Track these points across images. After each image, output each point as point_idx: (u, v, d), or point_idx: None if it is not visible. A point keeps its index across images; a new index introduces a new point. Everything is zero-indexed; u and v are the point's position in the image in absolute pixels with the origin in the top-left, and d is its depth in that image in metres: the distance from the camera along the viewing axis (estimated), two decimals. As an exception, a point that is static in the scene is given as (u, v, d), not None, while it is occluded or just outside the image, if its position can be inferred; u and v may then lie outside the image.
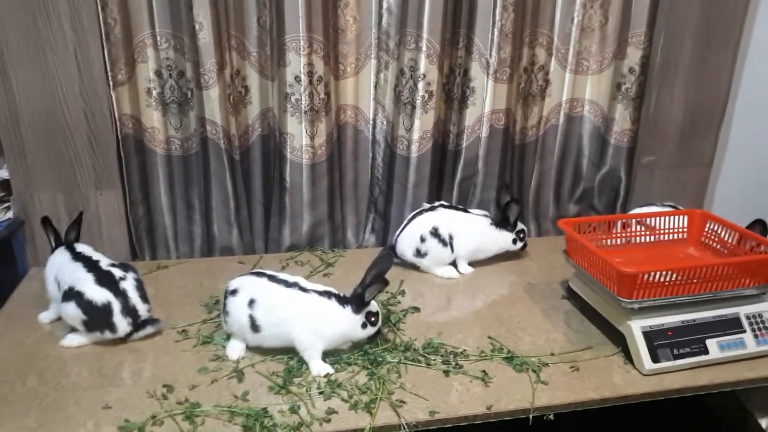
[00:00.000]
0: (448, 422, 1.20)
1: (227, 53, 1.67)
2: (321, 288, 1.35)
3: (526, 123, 1.98)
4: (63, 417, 1.16)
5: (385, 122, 1.89)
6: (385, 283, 1.31)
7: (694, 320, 1.38)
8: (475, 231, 1.78)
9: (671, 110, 1.97)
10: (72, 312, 1.36)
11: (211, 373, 1.30)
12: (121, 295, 1.37)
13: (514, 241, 1.81)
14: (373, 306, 1.34)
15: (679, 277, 1.35)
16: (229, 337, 1.39)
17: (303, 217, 1.86)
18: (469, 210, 1.82)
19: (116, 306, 1.36)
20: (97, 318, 1.35)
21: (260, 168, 1.86)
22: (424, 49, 1.74)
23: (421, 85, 1.78)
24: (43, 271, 1.51)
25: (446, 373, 1.32)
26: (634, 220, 1.66)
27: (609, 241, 1.62)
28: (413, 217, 1.78)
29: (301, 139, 1.76)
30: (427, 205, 1.80)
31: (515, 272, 1.79)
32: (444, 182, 1.98)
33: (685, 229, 1.66)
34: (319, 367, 1.30)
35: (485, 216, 1.81)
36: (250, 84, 1.77)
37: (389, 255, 1.36)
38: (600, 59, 1.94)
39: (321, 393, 1.24)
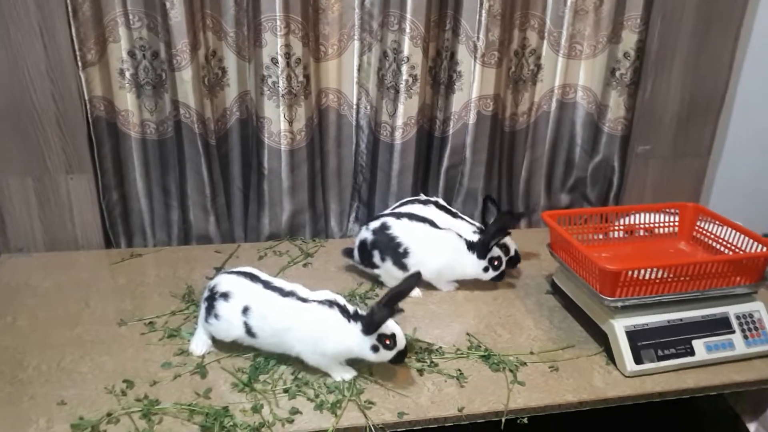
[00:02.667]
0: (417, 424, 1.15)
1: (201, 33, 1.60)
2: (322, 297, 1.23)
3: (517, 109, 1.91)
4: (14, 413, 1.12)
5: (368, 107, 1.82)
6: (397, 308, 1.17)
7: (680, 320, 1.32)
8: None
9: (668, 97, 1.89)
10: None
11: (174, 368, 1.25)
12: None
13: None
14: (389, 328, 1.18)
15: (666, 275, 1.29)
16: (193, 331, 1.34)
17: (282, 205, 1.79)
18: (460, 215, 1.69)
19: None
20: None
21: (239, 153, 1.80)
22: (407, 30, 1.66)
23: (404, 68, 1.70)
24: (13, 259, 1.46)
25: (420, 371, 1.26)
26: (623, 214, 1.59)
27: (597, 235, 1.56)
28: (402, 204, 1.72)
29: (279, 124, 1.70)
30: (423, 197, 1.74)
31: (500, 265, 1.73)
32: (430, 171, 1.92)
33: (677, 224, 1.59)
34: (339, 375, 1.22)
35: (472, 225, 1.67)
36: (227, 66, 1.70)
37: (416, 276, 1.21)
38: (594, 43, 1.86)
39: (286, 392, 1.18)
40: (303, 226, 1.86)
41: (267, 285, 1.25)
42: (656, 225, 1.59)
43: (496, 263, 1.53)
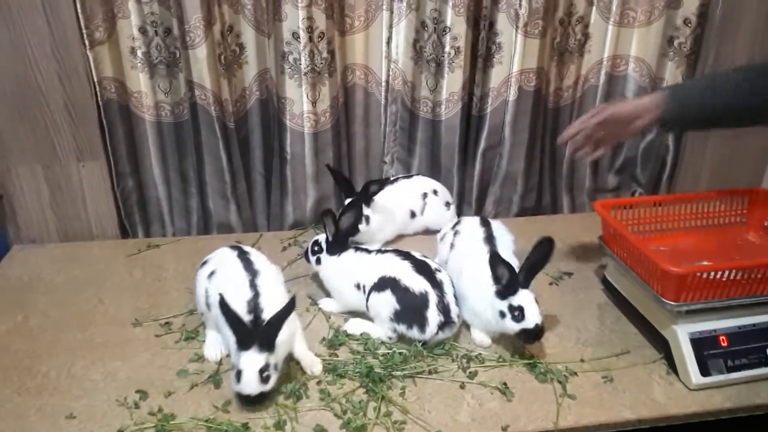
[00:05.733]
0: (457, 445, 1.03)
1: (216, 6, 1.46)
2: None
3: (561, 83, 1.74)
4: (21, 428, 1.04)
5: (402, 83, 1.67)
6: None
7: (753, 325, 1.17)
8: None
9: (732, 68, 1.69)
10: (384, 301, 1.21)
11: (191, 376, 1.16)
12: (438, 287, 1.21)
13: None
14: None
15: (739, 275, 1.13)
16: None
17: (306, 192, 1.68)
18: None
19: (433, 298, 1.19)
20: (410, 308, 1.19)
21: (260, 136, 1.68)
22: (449, -2, 1.51)
23: (447, 39, 1.56)
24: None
25: (462, 385, 1.14)
26: (681, 202, 1.43)
27: (654, 225, 1.40)
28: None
29: (302, 105, 1.57)
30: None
31: (543, 256, 1.58)
32: (467, 152, 1.77)
33: (745, 212, 1.42)
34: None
35: None
36: (245, 41, 1.57)
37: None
38: (649, 9, 1.67)
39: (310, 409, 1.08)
40: (329, 214, 1.74)
41: (241, 254, 1.20)
42: (722, 214, 1.42)
43: None
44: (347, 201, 1.51)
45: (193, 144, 1.61)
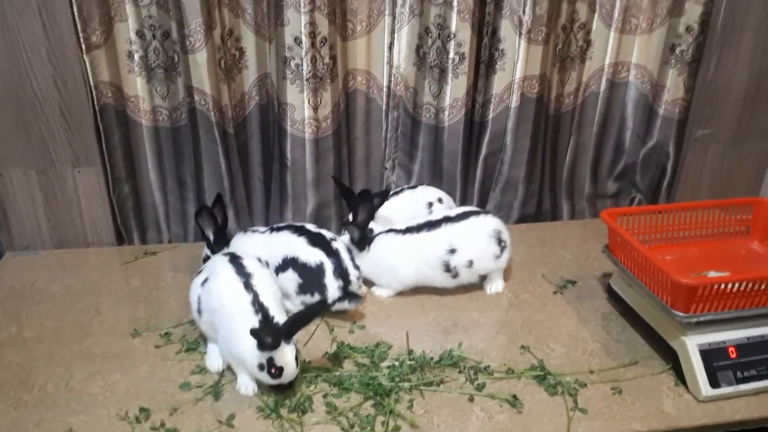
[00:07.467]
0: (466, 461, 1.02)
1: (216, 11, 1.44)
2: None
3: (563, 90, 1.73)
4: (18, 445, 1.01)
5: (403, 89, 1.65)
6: None
7: (762, 336, 1.16)
8: None
9: (733, 77, 1.69)
10: (288, 278, 1.32)
11: (194, 389, 1.13)
12: (333, 255, 1.31)
13: None
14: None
15: (749, 287, 1.13)
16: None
17: (306, 198, 1.65)
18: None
19: (329, 267, 1.30)
20: (310, 280, 1.31)
21: (259, 142, 1.65)
22: (455, 4, 1.49)
23: (451, 45, 1.54)
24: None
25: (471, 397, 1.12)
26: (686, 211, 1.42)
27: (658, 234, 1.40)
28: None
29: (303, 111, 1.54)
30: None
31: (545, 263, 1.57)
32: (470, 158, 1.75)
33: (749, 221, 1.42)
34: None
35: None
36: (245, 46, 1.54)
37: None
38: (651, 16, 1.67)
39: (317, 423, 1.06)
40: (328, 220, 1.71)
41: (233, 259, 1.20)
42: (726, 223, 1.42)
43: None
44: (351, 214, 1.49)
45: (191, 149, 1.58)
